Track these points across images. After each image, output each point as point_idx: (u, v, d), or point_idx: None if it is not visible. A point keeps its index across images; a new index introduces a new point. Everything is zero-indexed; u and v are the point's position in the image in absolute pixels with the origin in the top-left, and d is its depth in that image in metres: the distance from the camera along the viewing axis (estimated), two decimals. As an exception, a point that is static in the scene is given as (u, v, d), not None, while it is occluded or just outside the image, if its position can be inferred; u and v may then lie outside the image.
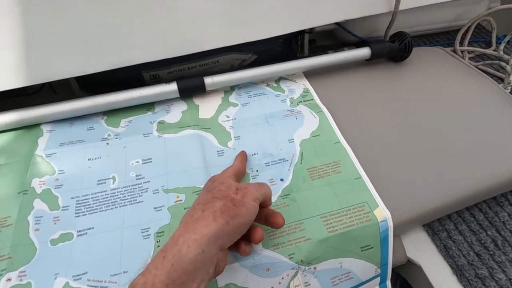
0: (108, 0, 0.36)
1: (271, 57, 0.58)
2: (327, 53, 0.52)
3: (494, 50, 0.62)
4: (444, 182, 0.38)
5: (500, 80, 0.56)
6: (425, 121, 0.44)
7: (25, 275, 0.28)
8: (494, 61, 0.59)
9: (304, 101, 0.45)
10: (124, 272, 0.29)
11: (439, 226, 0.39)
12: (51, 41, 0.37)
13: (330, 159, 0.39)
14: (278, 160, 0.38)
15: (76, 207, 0.33)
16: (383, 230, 0.34)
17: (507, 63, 0.57)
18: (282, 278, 0.31)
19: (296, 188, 0.36)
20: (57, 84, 0.55)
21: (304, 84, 0.48)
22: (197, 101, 0.45)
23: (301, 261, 0.31)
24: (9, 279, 0.28)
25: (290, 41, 0.61)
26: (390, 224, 0.34)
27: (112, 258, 0.30)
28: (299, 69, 0.48)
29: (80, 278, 0.28)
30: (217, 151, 0.39)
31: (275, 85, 0.48)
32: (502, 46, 0.61)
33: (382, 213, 0.34)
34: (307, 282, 0.31)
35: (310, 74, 0.50)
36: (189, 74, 0.54)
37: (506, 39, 0.62)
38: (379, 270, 0.34)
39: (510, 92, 0.51)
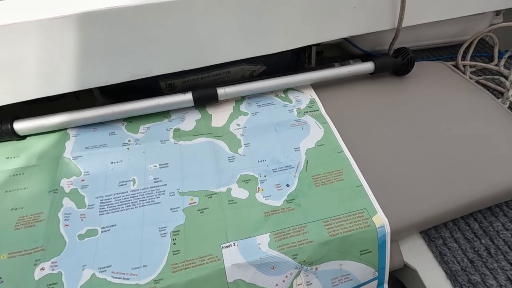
0: (130, 18, 0.40)
1: (280, 68, 0.61)
2: (333, 66, 0.55)
3: (495, 65, 0.64)
4: (441, 191, 0.41)
5: (500, 94, 0.58)
6: (424, 133, 0.47)
7: (56, 266, 0.31)
8: (495, 76, 0.61)
9: (310, 111, 0.48)
10: (144, 266, 0.32)
11: (435, 233, 0.42)
12: (81, 54, 0.41)
13: (333, 167, 0.41)
14: (285, 167, 0.41)
15: (100, 206, 0.36)
16: (381, 236, 0.36)
17: (507, 78, 0.59)
18: (286, 276, 0.33)
19: (301, 193, 0.39)
20: (80, 91, 0.59)
21: (310, 94, 0.51)
22: (210, 110, 0.49)
23: (304, 261, 0.34)
24: (42, 269, 0.31)
25: (298, 53, 0.64)
26: (388, 230, 0.36)
27: (133, 253, 0.33)
28: (306, 82, 0.51)
29: (105, 270, 0.31)
30: (228, 157, 0.42)
31: (283, 95, 0.51)
32: (502, 62, 0.63)
33: (380, 219, 0.37)
34: (309, 282, 0.34)
35: (317, 85, 0.53)
36: (202, 84, 0.58)
37: (506, 55, 0.64)
38: (376, 273, 0.37)
39: (508, 107, 0.54)
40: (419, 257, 0.40)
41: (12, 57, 0.38)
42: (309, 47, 0.67)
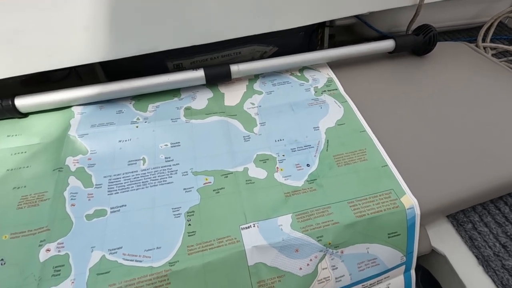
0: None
1: (292, 50, 0.58)
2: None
3: (517, 47, 0.61)
4: (469, 173, 0.38)
5: (524, 76, 0.56)
6: (450, 113, 0.44)
7: (63, 247, 0.29)
8: (518, 58, 0.59)
9: (328, 90, 0.46)
10: (157, 248, 0.30)
11: (464, 217, 0.39)
12: (84, 26, 0.38)
13: (355, 147, 0.39)
14: (304, 146, 0.39)
15: (108, 185, 0.34)
16: (410, 218, 0.34)
17: (532, 59, 0.56)
18: (310, 259, 0.31)
19: (323, 174, 0.36)
20: (83, 72, 0.56)
21: (328, 73, 0.48)
22: (222, 89, 0.46)
23: (329, 243, 0.31)
24: (48, 250, 0.29)
25: (310, 34, 0.62)
26: (417, 211, 0.34)
27: (145, 234, 0.30)
28: (323, 60, 0.48)
29: (116, 252, 0.29)
30: (244, 137, 0.40)
31: (299, 74, 0.48)
32: (526, 43, 0.60)
33: (409, 200, 0.34)
34: (334, 266, 0.32)
35: (334, 64, 0.50)
36: (211, 65, 0.55)
37: (530, 36, 0.61)
38: (404, 258, 0.34)
39: (535, 88, 0.51)
40: (448, 242, 0.37)
41: (11, 27, 0.35)
42: (322, 29, 0.65)
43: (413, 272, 0.36)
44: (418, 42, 0.50)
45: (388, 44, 0.50)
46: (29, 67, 0.38)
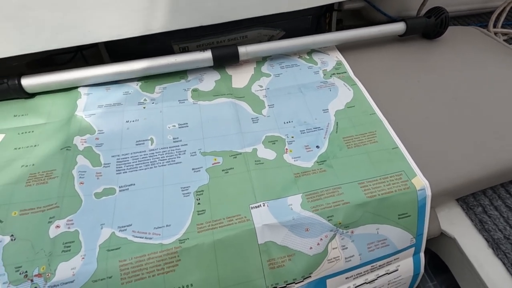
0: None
1: (299, 34, 0.57)
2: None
3: (529, 32, 0.60)
4: (479, 156, 0.38)
5: (536, 61, 0.54)
6: (462, 95, 0.43)
7: (72, 224, 0.29)
8: (530, 43, 0.58)
9: (337, 73, 0.45)
10: (167, 225, 0.29)
11: (474, 201, 0.39)
12: (89, 3, 0.37)
13: (366, 129, 0.38)
14: (313, 128, 0.38)
15: (117, 164, 0.34)
16: (421, 199, 0.33)
17: (545, 44, 0.55)
18: (321, 239, 0.31)
19: (333, 155, 0.36)
20: (89, 55, 0.56)
21: (337, 56, 0.47)
22: (230, 71, 0.45)
23: (340, 223, 0.31)
24: (57, 226, 0.29)
25: (318, 18, 0.60)
26: (428, 193, 0.34)
27: (155, 212, 0.30)
28: (332, 42, 0.47)
29: (126, 229, 0.29)
30: (252, 118, 0.39)
31: (308, 57, 0.47)
32: (539, 28, 0.59)
33: (421, 182, 0.34)
34: (344, 246, 0.32)
35: (343, 47, 0.49)
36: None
37: (543, 20, 0.60)
38: (414, 240, 0.34)
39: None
40: (457, 225, 0.37)
41: (17, 2, 0.34)
42: (330, 13, 0.64)
43: (422, 254, 0.36)
44: (430, 25, 0.49)
45: (399, 27, 0.49)
46: (36, 45, 0.37)
